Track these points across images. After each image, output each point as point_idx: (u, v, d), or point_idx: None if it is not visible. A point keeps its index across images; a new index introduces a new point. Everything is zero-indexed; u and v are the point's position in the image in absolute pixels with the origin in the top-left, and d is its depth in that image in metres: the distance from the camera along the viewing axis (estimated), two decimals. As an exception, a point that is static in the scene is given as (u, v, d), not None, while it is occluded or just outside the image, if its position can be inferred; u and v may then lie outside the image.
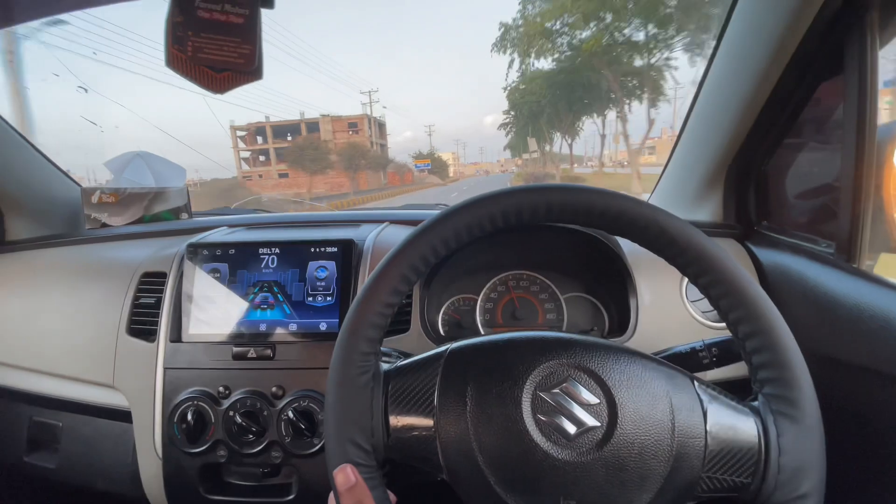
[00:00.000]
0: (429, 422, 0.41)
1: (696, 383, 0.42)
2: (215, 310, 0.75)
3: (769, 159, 0.80)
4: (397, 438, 0.42)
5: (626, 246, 0.78)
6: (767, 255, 0.77)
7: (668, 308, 0.75)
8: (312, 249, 0.76)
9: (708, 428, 0.40)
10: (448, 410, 0.41)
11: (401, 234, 0.86)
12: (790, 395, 0.39)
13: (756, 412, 0.41)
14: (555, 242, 0.84)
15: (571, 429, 0.40)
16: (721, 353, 0.54)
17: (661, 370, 0.42)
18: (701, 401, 0.41)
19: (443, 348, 0.46)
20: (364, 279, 0.75)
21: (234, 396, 0.70)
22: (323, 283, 0.75)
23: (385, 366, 0.45)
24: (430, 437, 0.41)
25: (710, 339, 0.56)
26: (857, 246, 0.65)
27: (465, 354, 0.45)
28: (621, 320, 0.77)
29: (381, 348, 0.53)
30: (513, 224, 0.44)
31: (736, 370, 0.61)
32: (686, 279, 0.76)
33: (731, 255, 0.42)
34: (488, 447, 0.40)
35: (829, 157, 0.72)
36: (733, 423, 0.40)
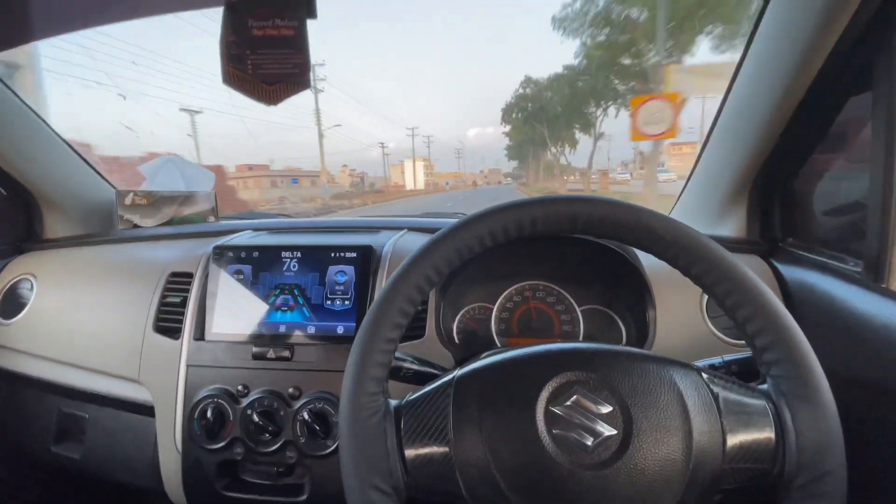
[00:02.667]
0: (446, 450, 0.41)
1: (703, 375, 0.42)
2: (237, 310, 0.77)
3: (795, 175, 0.79)
4: (416, 475, 0.42)
5: (646, 259, 0.77)
6: (792, 273, 0.75)
7: (687, 323, 0.74)
8: (332, 254, 0.78)
9: (723, 419, 0.40)
10: (464, 439, 0.41)
11: (417, 240, 0.88)
12: (799, 375, 0.39)
13: (767, 396, 0.41)
14: (572, 253, 0.83)
15: (588, 440, 0.40)
16: (740, 370, 0.53)
17: (667, 367, 0.42)
18: (711, 391, 0.41)
19: (450, 376, 0.45)
20: (381, 285, 0.76)
21: (253, 395, 0.72)
22: (342, 288, 0.76)
23: (393, 402, 0.45)
24: (450, 467, 0.41)
25: (729, 356, 0.55)
26: (885, 265, 0.63)
27: (473, 379, 0.44)
28: (639, 334, 0.76)
29: (398, 354, 0.54)
30: (525, 237, 0.45)
31: None
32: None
33: (720, 247, 0.43)
34: (509, 470, 0.40)
35: (857, 174, 0.70)
36: (746, 411, 0.40)
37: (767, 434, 0.39)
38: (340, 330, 0.74)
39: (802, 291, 0.73)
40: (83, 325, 0.89)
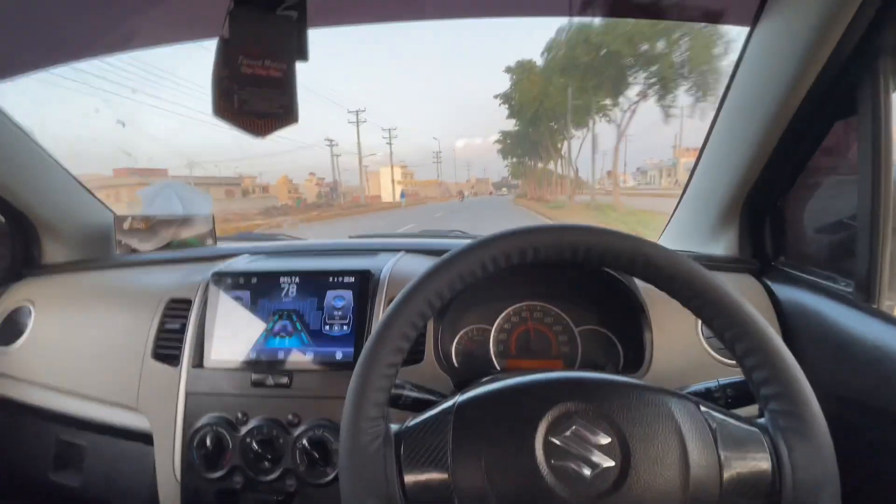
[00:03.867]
0: (445, 477, 0.41)
1: (701, 407, 0.43)
2: (236, 337, 0.77)
3: (785, 195, 0.80)
4: (415, 501, 0.42)
5: (641, 281, 0.78)
6: (785, 292, 0.76)
7: (683, 345, 0.74)
8: (330, 279, 0.79)
9: (720, 453, 0.40)
10: (463, 467, 0.41)
11: (415, 263, 0.88)
12: (796, 411, 0.40)
13: (764, 430, 0.41)
14: (569, 274, 0.84)
15: (587, 471, 0.40)
16: (736, 393, 0.54)
17: (665, 398, 0.43)
18: (709, 425, 0.42)
19: (450, 402, 0.46)
20: (380, 309, 0.77)
21: (252, 423, 0.72)
22: (340, 313, 0.77)
23: (394, 427, 0.45)
24: (448, 495, 0.41)
25: (725, 379, 0.56)
26: (876, 286, 0.64)
27: (473, 407, 0.45)
28: (636, 356, 0.76)
29: (396, 381, 0.55)
30: (527, 264, 0.46)
31: None
32: None
33: (719, 279, 0.44)
34: (507, 499, 0.40)
35: (846, 195, 0.72)
36: (744, 446, 0.41)
37: (764, 468, 0.40)
38: (339, 356, 0.75)
39: (795, 311, 0.74)
40: (81, 352, 0.89)
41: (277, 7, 0.56)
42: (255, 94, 0.56)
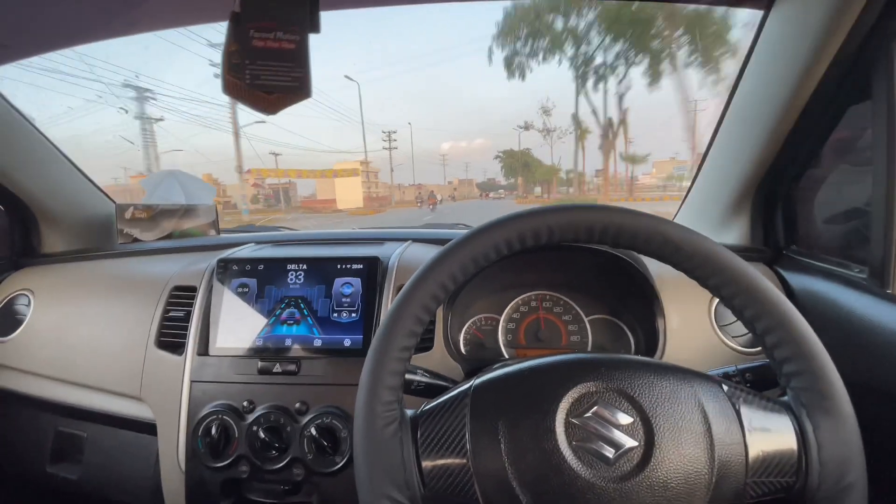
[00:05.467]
0: (464, 462, 0.40)
1: (724, 386, 0.42)
2: (242, 324, 0.76)
3: (797, 182, 0.80)
4: (433, 486, 0.41)
5: (654, 268, 0.77)
6: (798, 280, 0.76)
7: (696, 332, 0.74)
8: (338, 266, 0.78)
9: (745, 432, 0.39)
10: (482, 450, 0.40)
11: (423, 252, 0.87)
12: (820, 388, 0.39)
13: (788, 408, 0.41)
14: (579, 262, 0.83)
15: (610, 452, 0.39)
16: (756, 378, 0.53)
17: (688, 378, 0.42)
18: (733, 404, 0.41)
19: (466, 385, 0.45)
20: (388, 296, 0.76)
21: (259, 411, 0.71)
22: (348, 300, 0.76)
23: (410, 412, 0.44)
24: (468, 479, 0.40)
25: (743, 364, 0.55)
26: (890, 271, 0.63)
27: (490, 389, 0.44)
28: (648, 344, 0.76)
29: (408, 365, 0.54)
30: (542, 245, 0.45)
31: None
32: (715, 302, 0.75)
33: (738, 258, 0.43)
34: (528, 483, 0.39)
35: (859, 181, 0.71)
36: (768, 424, 0.40)
37: (790, 446, 0.39)
38: (347, 343, 0.74)
39: (809, 298, 0.73)
40: (82, 341, 0.88)
41: None
42: (267, 67, 0.55)
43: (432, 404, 0.45)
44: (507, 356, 0.82)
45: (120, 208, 1.14)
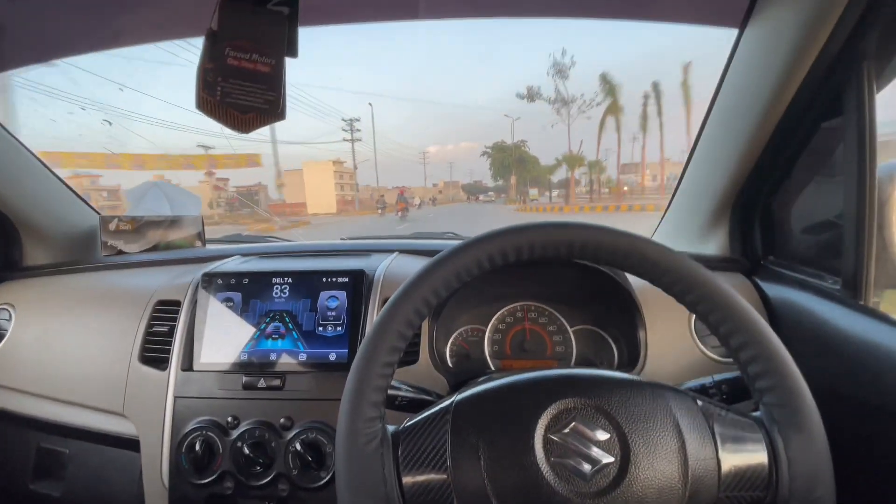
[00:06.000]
0: (444, 477, 0.41)
1: (698, 402, 0.43)
2: (227, 339, 0.76)
3: (774, 195, 0.82)
4: (414, 502, 0.41)
5: (636, 281, 0.78)
6: (774, 290, 0.78)
7: (677, 343, 0.75)
8: (324, 279, 0.78)
9: (718, 447, 0.40)
10: (462, 466, 0.41)
11: (409, 263, 0.88)
12: (790, 404, 0.40)
13: (760, 423, 0.42)
14: (563, 274, 0.84)
15: (586, 468, 0.40)
16: (731, 389, 0.54)
17: (663, 394, 0.43)
18: (706, 419, 0.42)
19: (448, 401, 0.46)
20: (374, 310, 0.76)
21: (243, 427, 0.70)
22: (333, 314, 0.76)
23: (391, 427, 0.45)
24: (447, 495, 0.41)
25: (720, 375, 0.56)
26: (862, 283, 0.65)
27: (471, 405, 0.45)
28: (631, 355, 0.77)
29: (392, 382, 0.54)
30: (523, 261, 0.46)
31: None
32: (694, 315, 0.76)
33: (714, 275, 0.44)
34: (507, 498, 0.40)
35: (833, 194, 0.73)
36: (741, 439, 0.41)
37: (761, 462, 0.40)
38: (332, 357, 0.74)
39: (784, 309, 0.75)
40: (64, 356, 0.87)
41: (269, 2, 0.55)
42: (240, 86, 0.55)
43: (414, 420, 0.45)
44: (493, 367, 0.83)
45: (104, 220, 1.13)
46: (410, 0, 0.73)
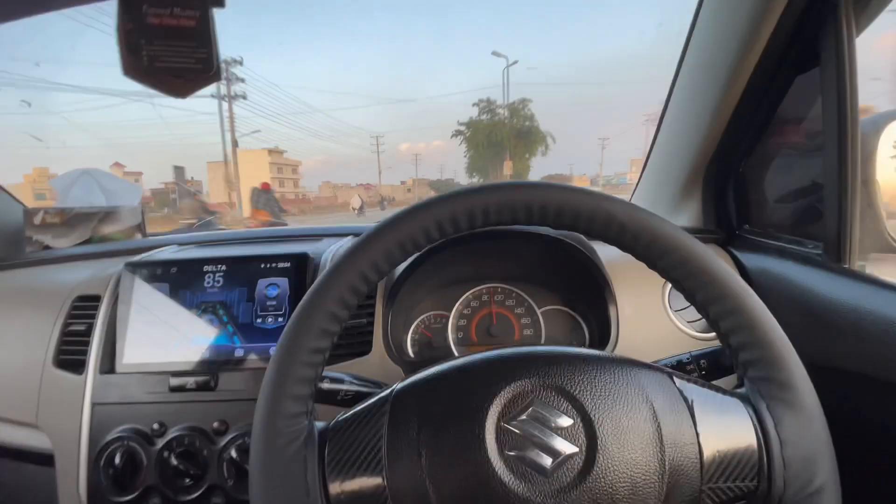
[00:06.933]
0: (378, 481, 0.34)
1: (675, 379, 0.38)
2: (153, 336, 0.67)
3: (747, 159, 0.77)
4: None
5: (604, 255, 0.73)
6: (752, 260, 0.73)
7: (650, 319, 0.70)
8: (262, 265, 0.70)
9: (698, 430, 0.35)
10: (399, 465, 0.35)
11: None
12: (780, 377, 0.35)
13: (746, 401, 0.36)
14: (529, 251, 0.78)
15: (546, 461, 0.34)
16: (710, 365, 0.49)
17: (635, 371, 0.37)
18: (684, 398, 0.36)
19: (387, 390, 0.39)
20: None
21: (170, 434, 0.62)
22: (274, 303, 0.68)
23: (320, 424, 0.38)
24: (382, 501, 0.34)
25: (697, 350, 0.51)
26: (846, 245, 0.61)
27: (414, 393, 0.38)
28: (602, 333, 0.71)
29: (334, 374, 0.47)
30: (477, 227, 0.39)
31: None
32: (668, 286, 0.71)
33: (689, 236, 0.38)
34: (454, 502, 0.34)
35: (811, 154, 0.69)
36: (724, 419, 0.35)
37: (749, 444, 0.34)
38: (273, 351, 0.65)
39: (764, 278, 0.70)
40: None
41: None
42: (168, 47, 0.48)
43: (346, 415, 0.39)
44: (457, 356, 0.76)
45: (28, 213, 1.02)
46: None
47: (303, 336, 0.36)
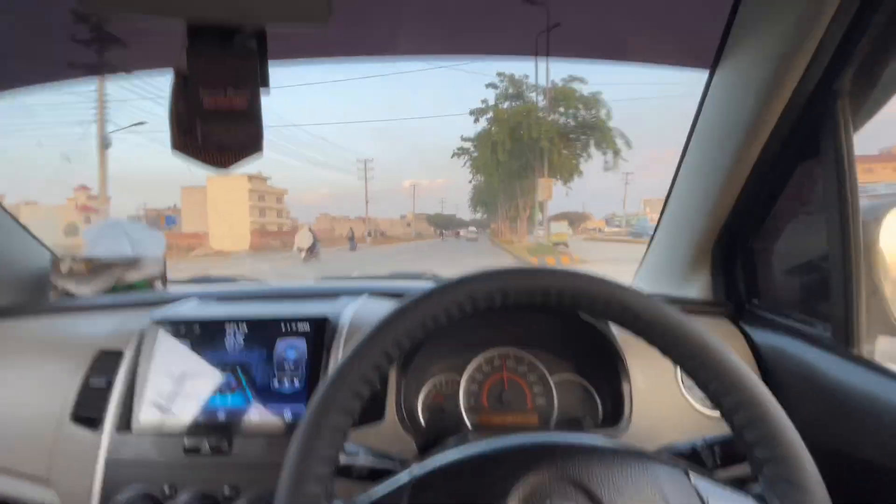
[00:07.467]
0: None
1: (691, 476, 0.39)
2: (170, 395, 0.68)
3: (755, 236, 0.80)
4: None
5: (617, 327, 0.74)
6: (762, 337, 0.74)
7: (663, 395, 0.70)
8: (282, 326, 0.72)
9: None
10: None
11: (378, 308, 0.82)
12: (795, 478, 0.36)
13: (761, 500, 0.37)
14: (543, 318, 0.80)
15: None
16: (724, 452, 0.49)
17: (651, 466, 0.38)
18: (700, 496, 0.37)
19: (405, 479, 0.40)
20: (336, 360, 0.70)
21: (181, 498, 0.62)
22: (292, 366, 0.69)
23: None
24: None
25: (711, 436, 0.51)
26: (854, 330, 0.62)
27: (432, 482, 0.39)
28: (615, 408, 0.71)
29: (349, 447, 0.48)
30: (495, 308, 0.42)
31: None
32: None
33: (704, 329, 0.40)
34: None
35: (816, 235, 0.71)
36: None
37: None
38: (288, 416, 0.66)
39: (774, 356, 0.71)
40: None
41: (234, 36, 0.53)
42: (220, 126, 0.53)
43: (365, 498, 0.39)
44: (468, 423, 0.76)
45: (56, 260, 1.06)
46: (384, 38, 0.73)
47: (329, 414, 0.38)
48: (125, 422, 0.68)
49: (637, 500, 0.36)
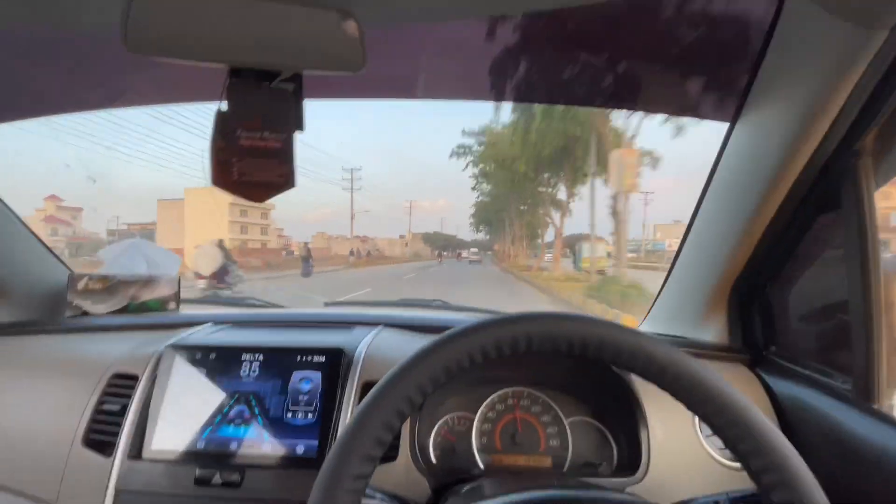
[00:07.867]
0: None
1: None
2: (184, 423, 0.68)
3: (773, 284, 0.79)
4: None
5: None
6: (781, 386, 0.73)
7: (682, 445, 0.69)
8: (298, 357, 0.72)
9: None
10: None
11: (394, 340, 0.82)
12: None
13: None
14: (558, 359, 0.79)
15: None
16: None
17: None
18: None
19: None
20: (351, 395, 0.69)
21: None
22: (306, 398, 0.69)
23: None
24: None
25: (734, 491, 0.50)
26: (875, 384, 0.61)
27: None
28: (632, 454, 0.70)
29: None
30: (518, 353, 0.42)
31: None
32: None
33: (726, 380, 0.40)
34: None
35: (837, 286, 0.71)
36: None
37: None
38: (301, 450, 0.66)
39: (793, 407, 0.70)
40: (1, 431, 0.77)
41: (273, 80, 0.56)
42: (255, 164, 0.56)
43: None
44: (480, 463, 0.75)
45: (73, 278, 1.07)
46: (408, 81, 0.76)
47: (351, 462, 0.38)
48: (137, 449, 0.67)
49: None
